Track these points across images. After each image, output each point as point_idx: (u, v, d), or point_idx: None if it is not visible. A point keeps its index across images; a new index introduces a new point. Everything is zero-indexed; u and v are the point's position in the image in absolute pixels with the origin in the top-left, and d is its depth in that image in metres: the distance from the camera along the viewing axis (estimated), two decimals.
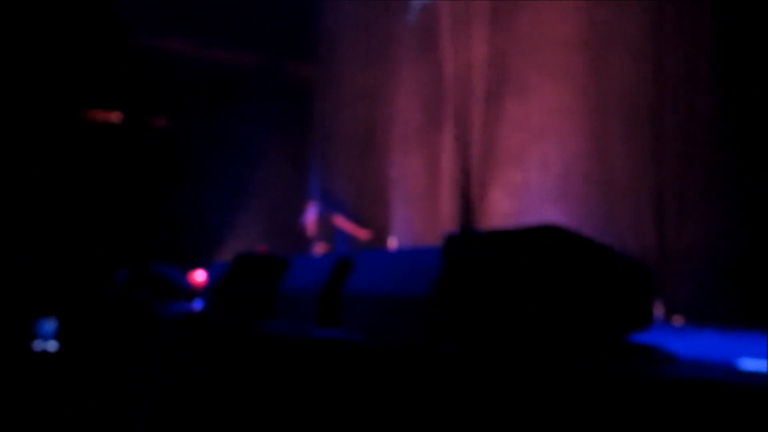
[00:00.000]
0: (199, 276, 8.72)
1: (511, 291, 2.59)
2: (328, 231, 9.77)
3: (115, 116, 11.69)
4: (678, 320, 5.34)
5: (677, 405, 1.94)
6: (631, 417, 2.00)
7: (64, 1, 10.36)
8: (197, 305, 6.97)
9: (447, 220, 8.08)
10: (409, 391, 2.78)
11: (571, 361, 2.29)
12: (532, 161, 7.00)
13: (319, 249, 9.62)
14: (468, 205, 7.82)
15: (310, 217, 9.82)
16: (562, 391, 2.16)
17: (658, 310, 5.28)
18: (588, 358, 2.36)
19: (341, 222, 9.64)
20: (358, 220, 9.49)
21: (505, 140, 7.35)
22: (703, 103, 5.44)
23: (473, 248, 2.93)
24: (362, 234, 9.38)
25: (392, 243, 8.06)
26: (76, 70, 10.62)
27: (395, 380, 2.86)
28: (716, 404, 1.88)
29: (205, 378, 4.41)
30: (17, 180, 9.79)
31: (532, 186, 6.97)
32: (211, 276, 6.58)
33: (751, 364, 2.39)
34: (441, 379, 2.61)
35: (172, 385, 4.65)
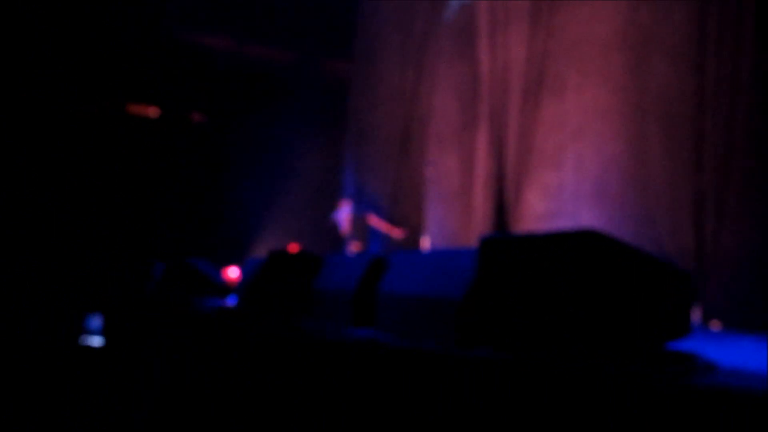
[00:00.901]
0: (233, 272, 8.77)
1: (547, 297, 2.56)
2: (362, 229, 9.77)
3: (152, 111, 11.81)
4: (715, 325, 5.25)
5: (716, 415, 1.91)
6: (669, 427, 1.97)
7: None
8: (231, 302, 7.01)
9: (481, 220, 8.03)
10: (440, 395, 2.76)
11: (607, 369, 2.26)
12: (569, 162, 6.93)
13: (354, 248, 9.62)
14: (503, 205, 7.77)
15: (344, 215, 9.82)
16: (597, 399, 2.13)
17: (695, 315, 5.20)
18: (625, 366, 2.33)
19: (375, 221, 9.63)
20: (392, 219, 9.47)
21: (541, 141, 7.28)
22: (744, 106, 5.34)
23: (509, 252, 2.90)
24: (395, 233, 9.36)
25: (426, 243, 8.03)
26: (115, 64, 10.74)
27: (427, 383, 2.85)
28: (756, 416, 1.84)
29: (236, 375, 4.44)
30: (58, 176, 9.94)
31: (568, 187, 6.90)
32: (245, 273, 6.61)
33: None
34: (473, 384, 2.59)
35: (203, 381, 4.69)
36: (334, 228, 10.07)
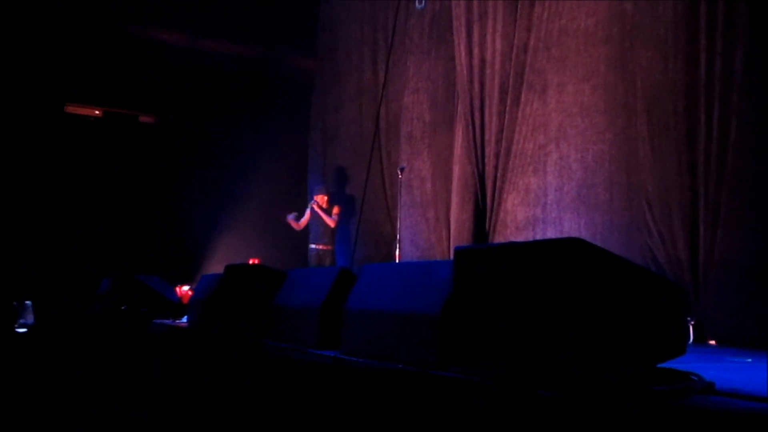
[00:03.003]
0: (187, 290, 8.70)
1: (528, 311, 2.54)
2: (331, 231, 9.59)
3: (97, 112, 11.65)
4: (712, 342, 5.27)
5: None
6: None
7: None
8: (185, 321, 6.94)
9: (458, 229, 8.01)
10: (418, 420, 2.73)
11: (596, 391, 2.24)
12: (551, 165, 6.93)
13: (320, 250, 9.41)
14: (481, 213, 7.76)
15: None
16: (585, 425, 2.11)
17: (690, 331, 5.21)
18: (615, 388, 2.31)
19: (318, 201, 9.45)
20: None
21: (521, 142, 7.28)
22: (739, 103, 5.36)
23: (486, 263, 2.88)
24: (330, 222, 9.33)
25: (398, 254, 7.97)
26: (60, 61, 10.59)
27: (405, 407, 2.81)
28: None
29: (191, 400, 4.37)
30: None
31: (551, 192, 6.90)
32: (200, 289, 6.54)
33: None
34: (455, 406, 2.56)
35: (157, 407, 4.62)
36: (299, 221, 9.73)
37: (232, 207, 11.74)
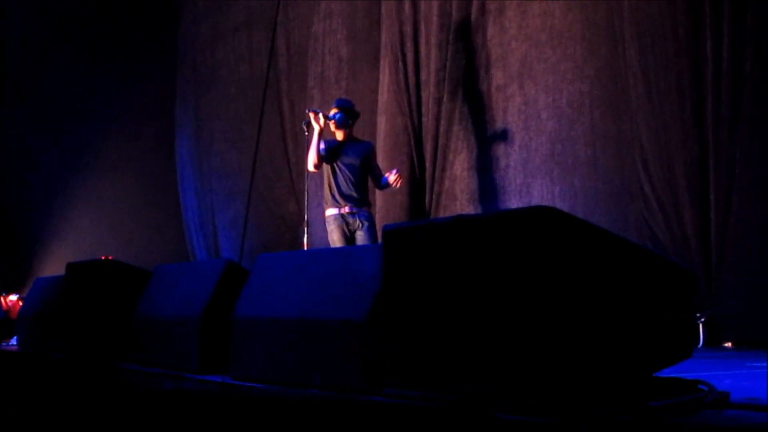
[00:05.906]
0: (15, 300, 8.60)
1: (484, 310, 2.58)
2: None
3: None
4: (727, 344, 5.40)
5: None
6: None
7: None
8: (14, 342, 6.87)
9: (388, 204, 7.93)
10: None
11: (572, 412, 2.29)
12: (514, 114, 6.94)
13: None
14: (419, 181, 7.72)
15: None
16: None
17: (700, 329, 5.33)
18: (599, 407, 2.36)
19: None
20: None
21: (472, 83, 7.28)
22: (756, 26, 5.45)
23: (426, 247, 2.90)
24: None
25: (306, 241, 7.87)
26: None
27: None
28: None
29: None
30: None
31: (515, 151, 6.91)
32: (34, 298, 6.47)
33: None
34: None
35: None
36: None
37: (78, 184, 11.52)
